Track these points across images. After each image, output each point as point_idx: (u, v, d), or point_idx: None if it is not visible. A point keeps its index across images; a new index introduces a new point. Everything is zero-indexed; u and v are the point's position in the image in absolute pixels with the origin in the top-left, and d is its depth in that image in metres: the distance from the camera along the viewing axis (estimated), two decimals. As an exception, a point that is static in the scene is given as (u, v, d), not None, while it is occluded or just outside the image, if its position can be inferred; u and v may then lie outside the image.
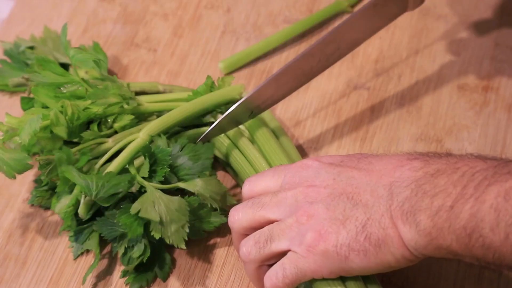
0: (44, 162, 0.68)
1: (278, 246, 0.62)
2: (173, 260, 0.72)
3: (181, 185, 0.69)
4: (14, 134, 0.69)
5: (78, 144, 0.72)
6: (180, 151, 0.70)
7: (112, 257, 0.72)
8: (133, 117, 0.73)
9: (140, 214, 0.65)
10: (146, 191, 0.68)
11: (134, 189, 0.70)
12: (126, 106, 0.73)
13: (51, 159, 0.68)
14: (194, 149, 0.70)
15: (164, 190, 0.68)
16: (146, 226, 0.67)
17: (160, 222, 0.65)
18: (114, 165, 0.69)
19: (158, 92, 0.79)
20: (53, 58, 0.78)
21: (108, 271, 0.71)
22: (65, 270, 0.72)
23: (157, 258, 0.70)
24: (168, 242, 0.66)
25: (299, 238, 0.60)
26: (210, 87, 0.76)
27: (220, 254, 0.72)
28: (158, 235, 0.66)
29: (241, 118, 0.73)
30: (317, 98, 0.82)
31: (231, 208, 0.66)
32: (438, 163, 0.58)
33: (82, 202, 0.68)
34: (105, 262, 0.72)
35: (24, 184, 0.77)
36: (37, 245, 0.73)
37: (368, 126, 0.80)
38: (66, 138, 0.71)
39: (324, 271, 0.60)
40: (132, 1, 0.90)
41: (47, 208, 0.74)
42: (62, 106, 0.70)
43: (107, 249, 0.72)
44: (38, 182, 0.74)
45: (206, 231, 0.72)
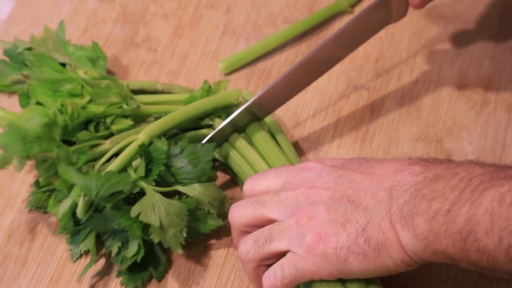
0: (41, 160, 0.68)
1: (277, 246, 0.62)
2: (173, 260, 0.72)
3: (179, 188, 0.69)
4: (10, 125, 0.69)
5: (74, 144, 0.72)
6: (180, 154, 0.70)
7: (109, 257, 0.72)
8: (131, 123, 0.73)
9: (140, 218, 0.65)
10: (145, 193, 0.68)
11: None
12: (125, 106, 0.73)
13: (48, 156, 0.68)
14: (194, 151, 0.70)
15: (162, 192, 0.68)
16: (144, 228, 0.67)
17: (160, 227, 0.65)
18: (113, 165, 0.69)
19: (157, 91, 0.79)
20: (52, 58, 0.78)
21: (106, 271, 0.71)
22: (65, 270, 0.72)
23: (151, 258, 0.70)
24: (164, 246, 0.66)
25: (299, 239, 0.60)
26: (207, 91, 0.76)
27: (220, 254, 0.72)
28: (157, 239, 0.66)
29: (242, 123, 0.74)
30: (317, 98, 0.82)
31: (232, 205, 0.66)
32: (438, 168, 0.58)
33: (80, 202, 0.68)
34: (103, 262, 0.72)
35: (24, 184, 0.77)
36: (37, 245, 0.73)
37: (368, 126, 0.80)
38: (63, 137, 0.71)
39: (323, 273, 0.60)
40: (132, 1, 0.90)
41: (46, 211, 0.74)
42: (62, 105, 0.70)
43: (104, 249, 0.72)
44: (36, 184, 0.74)
45: (202, 234, 0.72)
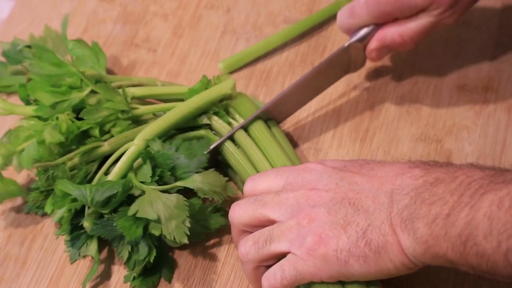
0: (42, 169, 0.68)
1: (278, 247, 0.62)
2: (173, 260, 0.72)
3: (179, 183, 0.68)
4: (10, 156, 0.71)
5: (76, 147, 0.72)
6: (176, 151, 0.70)
7: (110, 261, 0.72)
8: (130, 122, 0.73)
9: (137, 215, 0.65)
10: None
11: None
12: (120, 115, 0.73)
13: (49, 166, 0.68)
14: (189, 147, 0.70)
15: (164, 192, 0.68)
16: (146, 230, 0.66)
17: (158, 220, 0.65)
18: (112, 175, 0.70)
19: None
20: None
21: (107, 275, 0.71)
22: (65, 270, 0.72)
23: (162, 259, 0.70)
24: (169, 239, 0.65)
25: (299, 240, 0.60)
26: (206, 86, 0.75)
27: (220, 254, 0.72)
28: (157, 232, 0.65)
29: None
30: (317, 98, 0.81)
31: (233, 203, 0.66)
32: (438, 172, 0.58)
33: (86, 214, 0.68)
34: (102, 266, 0.72)
35: (24, 184, 0.77)
36: (37, 245, 0.73)
37: (368, 126, 0.80)
38: (62, 149, 0.71)
39: (323, 275, 0.60)
40: (132, 1, 0.90)
41: (44, 214, 0.74)
42: (57, 118, 0.70)
43: (105, 253, 0.72)
44: (33, 190, 0.73)
45: (205, 233, 0.72)
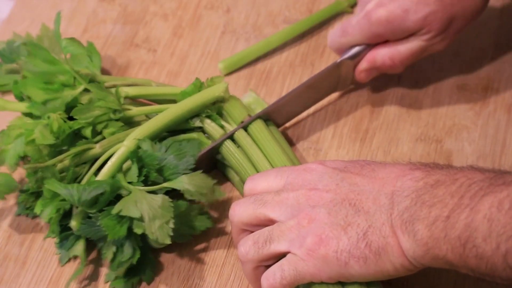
0: (31, 170, 0.68)
1: (277, 247, 0.62)
2: (173, 260, 0.72)
3: (166, 184, 0.68)
4: (1, 155, 0.70)
5: (67, 148, 0.72)
6: (165, 152, 0.70)
7: (98, 262, 0.72)
8: (122, 124, 0.73)
9: (121, 213, 0.65)
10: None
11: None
12: (112, 115, 0.73)
13: (39, 167, 0.68)
14: (179, 148, 0.70)
15: (151, 193, 0.68)
16: (131, 231, 0.66)
17: (142, 219, 0.65)
18: (101, 176, 0.70)
19: None
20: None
21: (93, 276, 0.71)
22: (65, 270, 0.72)
23: (144, 261, 0.70)
24: (152, 238, 0.65)
25: (299, 240, 0.60)
26: (199, 88, 0.75)
27: (220, 254, 0.72)
28: (139, 231, 0.65)
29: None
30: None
31: (233, 203, 0.66)
32: (438, 174, 0.58)
33: (74, 214, 0.68)
34: (92, 267, 0.72)
35: (23, 184, 0.77)
36: (37, 245, 0.73)
37: (368, 126, 0.80)
38: (52, 149, 0.71)
39: (323, 276, 0.60)
40: (132, 1, 0.90)
41: (35, 216, 0.74)
42: (49, 117, 0.70)
43: (93, 254, 0.72)
44: (25, 192, 0.73)
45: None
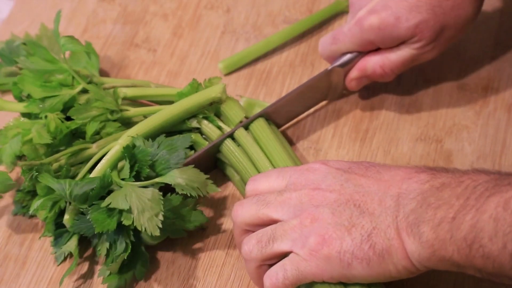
0: (27, 168, 0.68)
1: (280, 246, 0.62)
2: (173, 260, 0.72)
3: (158, 180, 0.68)
4: None
5: (64, 149, 0.72)
6: (157, 148, 0.70)
7: (94, 260, 0.72)
8: (119, 124, 0.73)
9: (110, 206, 0.65)
10: None
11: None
12: (110, 116, 0.73)
13: (34, 165, 0.68)
14: (171, 143, 0.70)
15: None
16: (124, 226, 0.67)
17: (130, 211, 0.65)
18: (95, 173, 0.70)
19: None
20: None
21: (89, 274, 0.71)
22: (65, 270, 0.71)
23: (135, 257, 0.70)
24: (141, 230, 0.65)
25: (302, 240, 0.60)
26: (196, 89, 0.75)
27: (220, 254, 0.72)
28: (128, 222, 0.65)
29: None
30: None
31: (236, 203, 0.66)
32: (444, 177, 0.59)
33: (67, 210, 0.68)
34: (87, 265, 0.72)
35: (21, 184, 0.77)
36: (37, 245, 0.73)
37: (368, 126, 0.80)
38: (50, 149, 0.71)
39: (325, 276, 0.60)
40: (132, 1, 0.90)
41: (32, 216, 0.74)
42: (46, 116, 0.70)
43: (89, 253, 0.72)
44: (22, 191, 0.73)
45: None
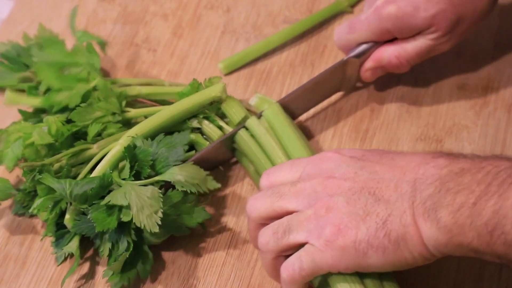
0: (28, 169, 0.69)
1: (296, 237, 0.61)
2: (173, 260, 0.72)
3: (157, 178, 0.68)
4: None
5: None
6: (157, 147, 0.70)
7: (95, 260, 0.72)
8: (120, 125, 0.73)
9: (109, 203, 0.65)
10: None
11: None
12: (111, 118, 0.73)
13: (35, 166, 0.68)
14: (170, 141, 0.70)
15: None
16: (125, 226, 0.67)
17: (129, 207, 0.65)
18: (95, 173, 0.70)
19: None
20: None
21: (90, 275, 0.71)
22: (65, 270, 0.71)
23: (138, 256, 0.70)
24: (140, 227, 0.66)
25: (318, 231, 0.60)
26: (196, 89, 0.75)
27: (220, 254, 0.72)
28: (127, 218, 0.65)
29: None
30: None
31: (250, 197, 0.66)
32: (463, 162, 0.58)
33: (68, 210, 0.68)
34: (88, 266, 0.72)
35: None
36: (37, 245, 0.73)
37: (368, 126, 0.80)
38: (51, 151, 0.71)
39: (341, 266, 0.60)
40: (132, 1, 0.90)
41: (32, 216, 0.74)
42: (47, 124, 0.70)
43: (89, 252, 0.72)
44: (21, 191, 0.73)
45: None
